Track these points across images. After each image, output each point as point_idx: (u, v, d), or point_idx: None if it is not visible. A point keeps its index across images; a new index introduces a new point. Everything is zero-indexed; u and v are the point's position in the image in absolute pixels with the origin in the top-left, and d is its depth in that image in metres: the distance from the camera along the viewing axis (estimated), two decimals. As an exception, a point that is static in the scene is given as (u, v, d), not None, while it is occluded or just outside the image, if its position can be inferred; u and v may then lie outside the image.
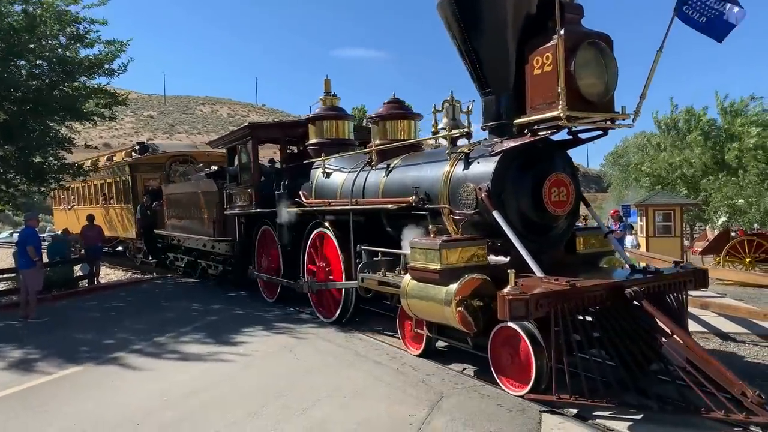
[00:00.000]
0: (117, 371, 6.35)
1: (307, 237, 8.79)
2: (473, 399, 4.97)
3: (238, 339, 7.57)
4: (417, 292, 5.66)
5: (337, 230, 8.00)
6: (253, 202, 9.89)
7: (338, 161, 8.76)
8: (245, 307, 9.98)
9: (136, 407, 5.15)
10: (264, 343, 7.28)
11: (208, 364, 6.47)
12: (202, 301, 10.77)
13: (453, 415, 4.60)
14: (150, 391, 5.56)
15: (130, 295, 11.88)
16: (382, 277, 6.70)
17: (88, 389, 5.75)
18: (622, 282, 5.05)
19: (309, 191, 9.06)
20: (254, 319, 8.83)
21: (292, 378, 5.78)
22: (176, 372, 6.22)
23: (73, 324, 9.04)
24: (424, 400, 4.94)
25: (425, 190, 6.44)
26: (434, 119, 6.84)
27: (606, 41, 5.28)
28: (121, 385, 5.82)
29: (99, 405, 5.27)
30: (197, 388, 5.59)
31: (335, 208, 7.97)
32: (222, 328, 8.21)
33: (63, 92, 13.20)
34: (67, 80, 13.26)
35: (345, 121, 9.57)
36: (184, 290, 12.58)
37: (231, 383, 5.72)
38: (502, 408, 4.73)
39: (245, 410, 4.90)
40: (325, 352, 6.77)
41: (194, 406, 5.11)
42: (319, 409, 4.86)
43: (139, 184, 17.11)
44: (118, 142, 54.27)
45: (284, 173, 9.93)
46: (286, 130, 10.13)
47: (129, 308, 10.36)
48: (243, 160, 10.32)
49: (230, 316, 9.22)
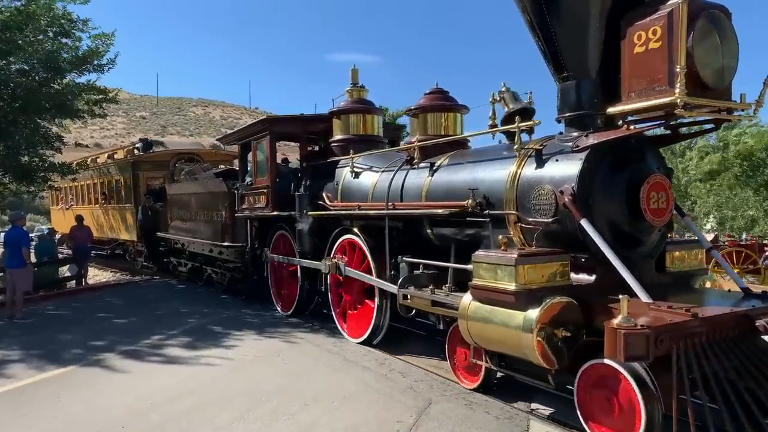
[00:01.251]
0: (103, 373, 6.24)
1: (331, 245, 7.80)
2: (461, 406, 4.92)
3: (226, 342, 7.43)
4: (482, 315, 4.66)
5: (369, 238, 7.02)
6: (269, 204, 8.89)
7: (368, 160, 7.77)
8: (234, 310, 9.72)
9: (121, 410, 5.06)
10: (252, 347, 7.14)
11: (196, 367, 6.36)
12: (190, 303, 10.60)
13: (441, 422, 4.56)
14: (136, 394, 5.47)
15: (118, 297, 11.64)
16: (433, 295, 5.67)
17: (72, 391, 5.64)
18: (750, 311, 4.05)
19: (334, 193, 8.07)
20: (243, 323, 8.67)
21: (280, 382, 5.71)
22: (163, 375, 6.11)
23: (60, 325, 8.88)
24: (412, 407, 4.89)
25: (483, 193, 5.45)
26: (492, 110, 5.86)
27: (725, 14, 4.30)
28: (107, 388, 5.73)
29: (84, 408, 5.17)
30: (184, 392, 5.52)
31: (368, 212, 6.98)
32: (210, 331, 8.09)
33: (53, 89, 12.94)
34: (57, 77, 13.01)
35: (374, 115, 8.58)
36: (173, 292, 12.32)
37: (218, 387, 5.64)
38: (490, 415, 4.70)
39: (232, 414, 4.84)
40: (314, 356, 6.65)
41: (180, 410, 5.02)
42: (306, 414, 4.80)
43: (142, 184, 16.08)
44: (109, 143, 53.66)
45: (304, 173, 8.93)
46: (306, 125, 9.11)
47: (116, 310, 10.14)
48: (258, 158, 9.31)
49: (219, 319, 9.00)
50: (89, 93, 13.71)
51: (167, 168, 15.60)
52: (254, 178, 9.44)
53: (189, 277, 13.37)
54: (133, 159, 16.40)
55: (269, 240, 9.62)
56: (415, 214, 6.28)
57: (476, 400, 5.03)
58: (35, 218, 43.72)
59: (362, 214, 7.09)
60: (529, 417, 4.66)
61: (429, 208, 6.07)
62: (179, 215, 13.39)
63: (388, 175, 7.11)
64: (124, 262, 18.23)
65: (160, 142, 18.03)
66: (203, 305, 10.21)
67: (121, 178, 17.11)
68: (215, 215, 11.13)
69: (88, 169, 19.66)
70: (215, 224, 11.08)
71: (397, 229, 6.72)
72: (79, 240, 14.50)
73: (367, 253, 7.02)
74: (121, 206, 17.21)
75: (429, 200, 6.22)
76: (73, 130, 17.95)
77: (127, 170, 16.54)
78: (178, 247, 13.86)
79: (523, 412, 4.75)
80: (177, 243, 14.02)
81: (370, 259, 6.96)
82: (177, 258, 14.00)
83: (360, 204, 7.32)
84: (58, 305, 10.84)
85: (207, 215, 11.51)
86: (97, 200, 19.30)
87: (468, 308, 4.80)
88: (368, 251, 6.97)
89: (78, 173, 16.10)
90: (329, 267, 7.54)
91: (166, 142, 19.15)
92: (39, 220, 43.06)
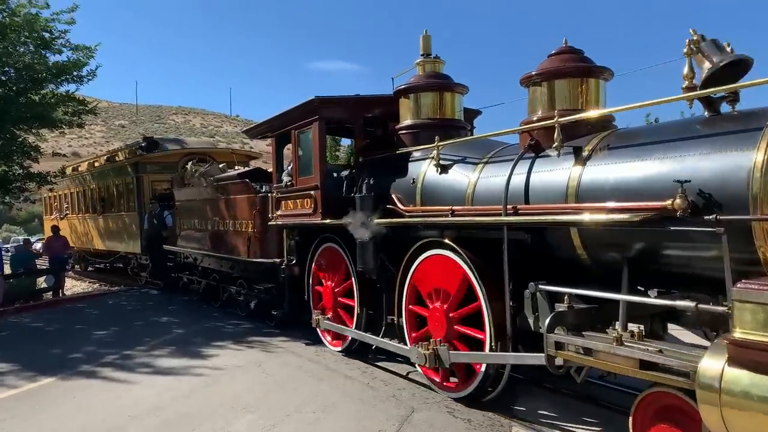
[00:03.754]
0: (81, 386, 6.09)
1: (407, 264, 5.86)
2: (443, 414, 4.89)
3: (206, 353, 7.29)
4: (760, 394, 2.71)
5: (473, 255, 5.07)
6: (317, 209, 6.93)
7: (455, 150, 5.84)
8: (215, 321, 9.54)
9: (99, 424, 4.95)
10: (233, 357, 7.03)
11: (175, 378, 6.23)
12: (170, 313, 10.39)
13: (423, 430, 4.54)
14: (114, 407, 5.35)
15: (97, 308, 11.48)
16: (640, 351, 3.59)
17: (49, 406, 5.51)
18: None
19: (408, 194, 6.12)
20: (224, 333, 8.50)
21: (261, 393, 5.62)
22: (142, 387, 5.98)
23: (36, 338, 8.76)
24: (395, 415, 4.86)
25: (698, 190, 3.51)
26: (688, 65, 3.92)
27: None
28: (85, 401, 5.61)
29: (60, 422, 5.06)
30: (163, 404, 5.39)
31: (479, 219, 5.02)
32: (190, 342, 7.92)
33: (31, 100, 12.91)
34: (35, 87, 13.04)
35: (454, 93, 6.64)
36: (153, 302, 12.03)
37: (198, 399, 5.53)
38: (472, 423, 4.65)
39: (211, 426, 4.75)
40: (296, 366, 6.58)
41: (158, 423, 4.91)
42: (287, 425, 4.75)
43: (146, 188, 14.07)
44: (87, 151, 53.53)
45: (362, 169, 6.98)
46: (364, 108, 7.15)
47: (95, 321, 9.91)
48: (301, 152, 7.36)
49: (199, 329, 8.81)
50: (68, 104, 13.76)
51: (175, 170, 13.62)
52: (295, 178, 7.48)
53: (202, 298, 11.38)
54: (136, 160, 14.37)
55: (310, 255, 7.67)
56: (563, 221, 4.33)
57: (459, 408, 5.01)
58: (11, 229, 45.33)
59: (467, 221, 5.14)
60: (512, 424, 4.65)
61: (585, 212, 4.12)
62: (191, 224, 11.43)
63: (498, 168, 5.17)
64: (125, 278, 16.17)
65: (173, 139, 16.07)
66: (183, 315, 10.09)
67: (122, 182, 15.10)
68: (238, 224, 9.18)
69: (83, 173, 17.71)
70: (239, 235, 9.12)
71: (520, 243, 4.77)
72: (56, 250, 14.29)
73: (470, 275, 5.07)
74: (122, 214, 15.20)
75: (582, 201, 4.27)
76: (50, 139, 17.86)
77: (129, 173, 14.54)
78: (190, 262, 11.92)
79: (505, 419, 4.73)
80: (188, 257, 12.07)
81: (477, 284, 5.00)
82: (188, 274, 12.02)
83: (454, 208, 5.37)
84: (34, 317, 10.62)
85: (228, 224, 9.56)
86: (94, 208, 17.24)
87: (728, 380, 2.84)
88: (473, 273, 5.02)
89: (55, 183, 16.03)
90: (425, 358, 5.23)
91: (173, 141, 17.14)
92: (16, 231, 43.74)
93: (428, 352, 5.17)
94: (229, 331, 8.55)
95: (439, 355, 5.13)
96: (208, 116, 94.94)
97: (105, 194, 16.52)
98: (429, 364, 5.21)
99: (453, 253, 5.26)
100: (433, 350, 5.15)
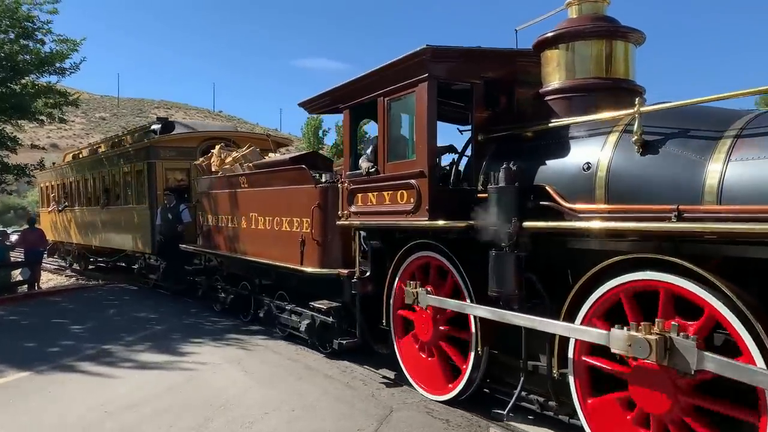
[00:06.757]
0: (55, 381, 5.90)
1: (581, 293, 3.86)
2: (422, 414, 4.87)
3: (184, 349, 7.11)
4: None
5: (737, 288, 3.10)
6: (421, 205, 4.89)
7: (661, 120, 3.85)
8: (194, 317, 9.37)
9: (74, 420, 4.81)
10: (212, 354, 6.85)
11: (153, 374, 6.08)
12: (148, 308, 10.18)
13: (401, 430, 4.51)
14: (90, 403, 5.19)
15: (74, 302, 11.24)
16: None
17: (23, 401, 5.34)
18: None
19: (575, 186, 4.14)
20: (203, 330, 8.35)
21: (239, 391, 5.47)
22: (119, 383, 5.81)
23: (10, 331, 8.58)
24: (373, 415, 4.81)
25: None
26: None
27: None
28: (60, 396, 5.43)
29: (34, 417, 4.91)
30: (140, 400, 5.24)
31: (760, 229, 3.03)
32: (169, 338, 7.75)
33: (11, 90, 12.82)
34: (15, 77, 12.89)
35: (628, 42, 4.63)
36: (131, 297, 11.79)
37: (175, 395, 5.37)
38: (450, 423, 4.63)
39: (189, 424, 4.64)
40: (275, 364, 6.43)
41: (135, 419, 4.78)
42: (265, 424, 4.64)
43: (159, 177, 11.98)
44: (66, 143, 52.93)
45: (486, 150, 4.97)
46: (489, 65, 5.06)
47: (72, 315, 9.71)
48: (393, 128, 5.33)
49: (178, 326, 8.65)
50: (48, 95, 13.64)
51: (193, 156, 11.59)
52: (382, 163, 5.44)
53: (228, 308, 9.38)
54: (150, 143, 12.28)
55: (392, 267, 5.67)
56: None
57: (437, 409, 5.00)
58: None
59: (747, 230, 3.12)
60: (489, 425, 4.59)
61: None
62: (217, 220, 9.43)
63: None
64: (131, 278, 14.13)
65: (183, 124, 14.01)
66: (162, 311, 9.93)
67: (131, 169, 13.02)
68: (287, 222, 7.18)
69: (84, 160, 15.67)
70: (288, 237, 7.11)
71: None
72: (31, 243, 13.95)
73: (730, 320, 3.08)
74: (130, 207, 13.14)
75: None
76: (29, 130, 17.42)
77: (140, 159, 12.47)
78: (214, 265, 9.93)
79: (483, 420, 4.69)
80: (211, 260, 10.07)
81: (744, 335, 3.01)
82: (210, 280, 10.02)
83: (681, 207, 3.38)
84: (10, 311, 10.36)
85: (272, 222, 7.55)
86: (97, 200, 15.14)
87: None
88: (744, 318, 3.03)
89: (34, 176, 15.91)
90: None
91: (189, 124, 15.06)
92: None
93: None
94: (208, 329, 8.41)
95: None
96: (191, 111, 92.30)
97: (110, 183, 14.45)
98: None
99: (693, 284, 3.25)
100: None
